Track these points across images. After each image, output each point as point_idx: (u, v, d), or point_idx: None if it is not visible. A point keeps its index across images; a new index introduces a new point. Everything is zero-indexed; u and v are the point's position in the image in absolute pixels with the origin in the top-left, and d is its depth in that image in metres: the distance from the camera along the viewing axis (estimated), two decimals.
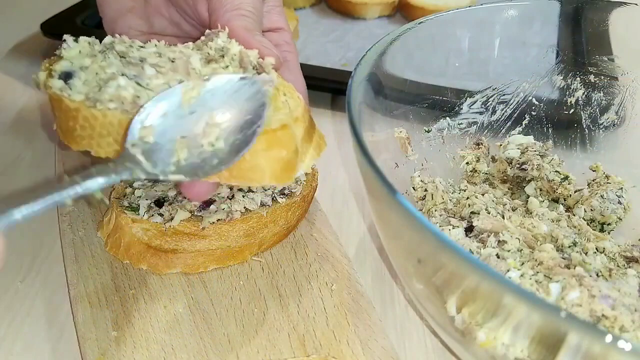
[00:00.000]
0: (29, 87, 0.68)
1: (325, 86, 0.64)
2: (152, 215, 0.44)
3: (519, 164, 0.50)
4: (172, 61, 0.37)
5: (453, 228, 0.42)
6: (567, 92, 0.54)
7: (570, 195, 0.48)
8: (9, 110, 0.64)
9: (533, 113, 0.54)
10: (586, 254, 0.41)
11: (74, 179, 0.30)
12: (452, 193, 0.48)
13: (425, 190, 0.48)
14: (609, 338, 0.25)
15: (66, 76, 0.36)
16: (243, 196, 0.46)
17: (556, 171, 0.49)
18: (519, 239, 0.40)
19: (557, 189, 0.48)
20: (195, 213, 0.45)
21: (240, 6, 0.42)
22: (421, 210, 0.47)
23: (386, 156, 0.46)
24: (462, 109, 0.53)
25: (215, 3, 0.43)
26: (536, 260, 0.38)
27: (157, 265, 0.43)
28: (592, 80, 0.53)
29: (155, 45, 0.39)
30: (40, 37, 0.71)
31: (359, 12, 0.84)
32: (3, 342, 0.41)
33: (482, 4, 0.53)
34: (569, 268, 0.37)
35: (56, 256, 0.47)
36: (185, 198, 0.46)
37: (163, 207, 0.45)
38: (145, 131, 0.33)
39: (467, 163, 0.52)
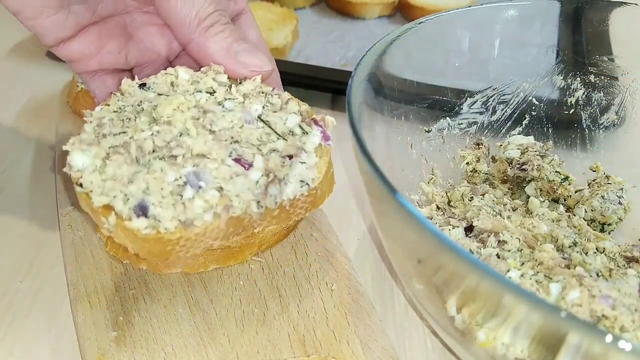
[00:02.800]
0: (29, 87, 0.68)
1: (325, 86, 0.64)
2: None
3: (519, 164, 0.50)
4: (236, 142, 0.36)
5: (453, 228, 0.42)
6: (567, 92, 0.54)
7: (571, 195, 0.48)
8: (9, 111, 0.64)
9: (533, 113, 0.54)
10: (586, 254, 0.41)
11: None
12: (452, 193, 0.48)
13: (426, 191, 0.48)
14: (609, 338, 0.25)
15: (143, 210, 0.32)
16: None
17: (556, 171, 0.49)
18: (519, 239, 0.40)
19: (557, 190, 0.48)
20: None
21: (200, 14, 0.39)
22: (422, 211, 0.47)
23: (386, 156, 0.46)
24: (462, 109, 0.53)
25: (169, 15, 0.40)
26: (536, 260, 0.38)
27: (157, 265, 0.43)
28: (592, 80, 0.53)
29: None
30: None
31: (359, 12, 0.84)
32: (3, 342, 0.41)
33: (482, 4, 0.53)
34: (569, 268, 0.37)
35: (56, 256, 0.47)
36: None
37: None
38: None
39: (467, 163, 0.52)
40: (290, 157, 0.36)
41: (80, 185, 0.33)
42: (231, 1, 0.45)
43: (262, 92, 0.40)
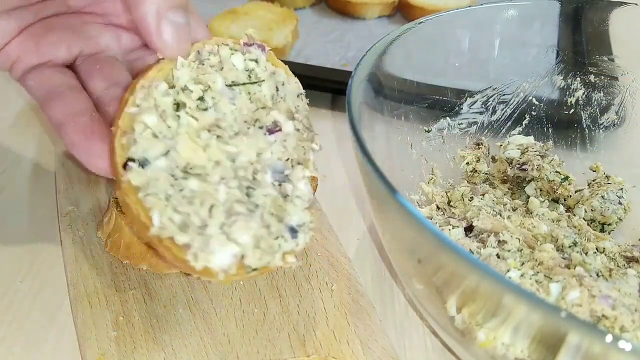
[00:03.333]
0: None
1: (325, 86, 0.64)
2: None
3: (519, 164, 0.50)
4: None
5: (453, 228, 0.42)
6: (567, 92, 0.54)
7: (571, 195, 0.48)
8: (9, 111, 0.64)
9: (533, 113, 0.54)
10: (586, 254, 0.41)
11: None
12: (452, 193, 0.48)
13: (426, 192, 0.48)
14: (609, 338, 0.25)
15: (293, 231, 0.33)
16: None
17: (556, 171, 0.49)
18: (519, 239, 0.40)
19: (557, 190, 0.48)
20: None
21: None
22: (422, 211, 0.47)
23: (386, 156, 0.46)
24: (462, 109, 0.53)
25: None
26: (536, 260, 0.38)
27: (157, 265, 0.43)
28: (592, 80, 0.53)
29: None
30: None
31: (359, 12, 0.84)
32: (3, 342, 0.41)
33: (482, 4, 0.53)
34: (569, 268, 0.37)
35: (56, 256, 0.46)
36: None
37: None
38: None
39: (467, 163, 0.52)
40: (277, 89, 0.37)
41: (252, 268, 0.32)
42: None
43: (196, 62, 0.36)
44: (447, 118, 0.53)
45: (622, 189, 0.48)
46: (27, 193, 0.53)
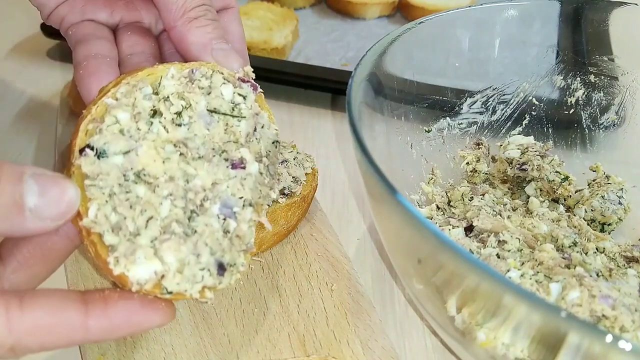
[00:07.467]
0: (29, 87, 0.68)
1: (325, 86, 0.64)
2: None
3: (519, 164, 0.50)
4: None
5: (453, 228, 0.42)
6: (567, 92, 0.54)
7: (571, 195, 0.48)
8: (9, 110, 0.64)
9: (533, 113, 0.54)
10: (586, 254, 0.41)
11: None
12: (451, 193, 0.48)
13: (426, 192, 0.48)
14: (609, 338, 0.25)
15: (221, 268, 0.32)
16: None
17: (556, 171, 0.49)
18: (519, 239, 0.40)
19: (557, 190, 0.48)
20: None
21: (186, 5, 0.40)
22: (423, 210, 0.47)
23: (386, 156, 0.46)
24: (462, 109, 0.53)
25: (160, 3, 0.40)
26: (536, 260, 0.38)
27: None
28: (592, 80, 0.53)
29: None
30: (41, 37, 0.71)
31: (359, 12, 0.84)
32: None
33: (482, 4, 0.53)
34: (569, 268, 0.37)
35: None
36: None
37: None
38: None
39: (467, 163, 0.52)
40: (255, 129, 0.36)
41: (167, 291, 0.31)
42: None
43: (187, 79, 0.36)
44: (447, 118, 0.53)
45: (622, 189, 0.48)
46: None
